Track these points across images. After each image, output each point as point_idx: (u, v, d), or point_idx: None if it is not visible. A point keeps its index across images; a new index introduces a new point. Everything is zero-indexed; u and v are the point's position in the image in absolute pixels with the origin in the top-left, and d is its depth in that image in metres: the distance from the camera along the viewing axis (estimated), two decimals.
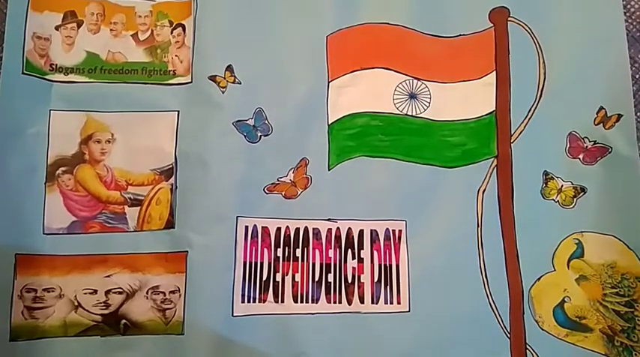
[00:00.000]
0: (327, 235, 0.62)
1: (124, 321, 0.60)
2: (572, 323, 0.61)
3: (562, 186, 0.63)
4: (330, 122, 0.63)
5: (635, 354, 0.59)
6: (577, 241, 0.62)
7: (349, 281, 0.61)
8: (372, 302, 0.61)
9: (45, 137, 0.61)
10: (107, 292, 0.60)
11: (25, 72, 0.61)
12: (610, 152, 0.63)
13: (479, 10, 0.65)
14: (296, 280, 0.61)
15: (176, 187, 0.61)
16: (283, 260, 0.61)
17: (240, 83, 0.63)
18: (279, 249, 0.62)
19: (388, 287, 0.61)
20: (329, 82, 0.64)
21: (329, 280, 0.61)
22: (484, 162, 0.63)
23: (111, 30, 0.64)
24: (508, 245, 0.62)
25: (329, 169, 0.63)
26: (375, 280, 0.61)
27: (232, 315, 0.59)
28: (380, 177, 0.63)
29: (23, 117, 0.60)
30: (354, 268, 0.62)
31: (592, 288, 0.61)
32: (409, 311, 0.61)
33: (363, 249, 0.62)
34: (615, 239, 0.61)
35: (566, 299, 0.61)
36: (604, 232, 0.62)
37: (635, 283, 0.60)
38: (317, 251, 0.62)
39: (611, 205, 0.62)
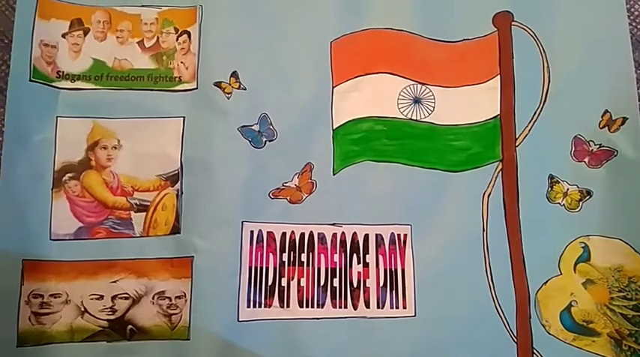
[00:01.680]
0: (332, 240, 0.62)
1: (130, 326, 0.60)
2: (579, 327, 0.61)
3: (568, 189, 0.63)
4: (334, 127, 0.64)
5: None
6: (583, 245, 0.62)
7: (355, 286, 0.61)
8: (378, 307, 0.61)
9: (52, 144, 0.61)
10: (113, 298, 0.60)
11: (32, 79, 0.61)
12: (615, 155, 0.62)
13: (482, 15, 0.66)
14: (301, 284, 0.61)
15: (182, 193, 0.62)
16: (289, 265, 0.61)
17: (245, 89, 0.63)
18: (284, 254, 0.62)
19: (394, 292, 0.61)
20: (333, 88, 0.64)
21: (334, 285, 0.61)
22: (489, 166, 0.63)
23: (117, 37, 0.64)
24: (514, 249, 0.62)
25: (334, 174, 0.63)
26: (381, 284, 0.61)
27: (238, 320, 0.59)
28: (385, 181, 0.63)
29: (30, 124, 0.61)
30: (359, 273, 0.62)
31: (599, 292, 0.61)
32: (415, 316, 0.60)
33: (368, 253, 0.62)
34: (622, 243, 0.61)
35: (573, 303, 0.61)
36: (610, 236, 0.61)
37: None
38: (322, 256, 0.62)
39: (617, 209, 0.62)
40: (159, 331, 0.60)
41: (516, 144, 0.63)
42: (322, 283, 0.61)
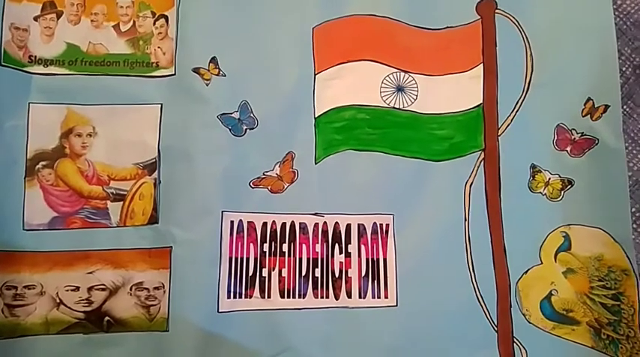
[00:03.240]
0: (313, 230, 0.61)
1: (107, 318, 0.59)
2: (559, 316, 0.61)
3: (549, 179, 0.63)
4: (316, 115, 0.63)
5: (621, 347, 0.59)
6: (564, 234, 0.62)
7: (336, 276, 0.61)
8: (360, 297, 0.61)
9: (24, 131, 0.59)
10: (90, 289, 0.59)
11: (3, 64, 0.59)
12: (597, 144, 0.62)
13: (466, 3, 0.65)
14: (282, 275, 0.60)
15: (159, 182, 0.60)
16: (269, 255, 0.61)
17: (225, 76, 0.62)
18: (265, 244, 0.61)
19: (376, 282, 0.61)
20: (315, 75, 0.63)
21: (316, 275, 0.61)
22: (471, 155, 0.63)
23: (92, 21, 0.62)
24: (495, 239, 0.62)
25: (316, 163, 0.62)
26: (363, 274, 0.61)
27: (218, 311, 0.59)
28: (367, 171, 0.62)
29: (1, 110, 0.59)
30: (341, 263, 0.61)
31: (579, 281, 0.61)
32: (397, 305, 0.60)
33: (350, 243, 0.62)
34: (602, 232, 0.61)
35: (553, 292, 0.61)
36: (591, 225, 0.62)
37: (621, 276, 0.60)
38: (304, 246, 0.61)
39: (598, 198, 0.62)
40: (137, 322, 0.59)
41: (499, 133, 0.63)
42: (304, 274, 0.61)
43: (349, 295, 0.61)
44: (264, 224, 0.61)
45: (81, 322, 0.58)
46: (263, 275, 0.60)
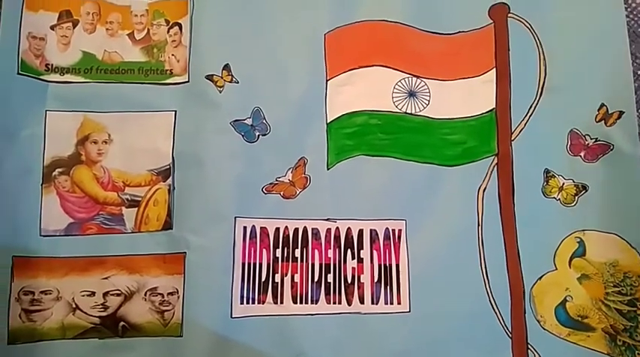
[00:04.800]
0: (326, 235, 0.62)
1: (122, 323, 0.59)
2: (574, 322, 0.60)
3: (563, 184, 0.62)
4: (328, 121, 0.63)
5: (638, 353, 0.58)
6: (579, 240, 0.61)
7: (349, 281, 0.61)
8: (372, 303, 0.60)
9: (41, 138, 0.60)
10: (105, 294, 0.59)
11: (20, 72, 0.60)
12: (611, 149, 0.62)
13: (478, 7, 0.65)
14: (295, 280, 0.61)
15: (174, 188, 0.61)
16: (282, 261, 0.61)
17: (238, 82, 0.62)
18: (277, 249, 0.61)
19: (388, 287, 0.61)
20: (327, 81, 0.63)
21: (328, 281, 0.61)
22: (484, 160, 0.63)
23: (107, 29, 0.63)
24: (509, 244, 0.61)
25: (328, 169, 0.62)
26: (375, 280, 0.61)
27: (231, 316, 0.59)
28: (379, 176, 0.62)
29: (19, 118, 0.60)
30: (353, 269, 0.61)
31: (594, 287, 0.61)
32: (409, 311, 0.60)
33: (362, 249, 0.61)
34: (617, 237, 0.60)
35: (568, 298, 0.61)
36: (606, 231, 0.61)
37: (637, 282, 0.60)
38: (316, 251, 0.61)
39: (613, 203, 0.61)
40: (151, 327, 0.59)
41: (512, 138, 0.63)
42: (316, 279, 0.61)
43: (362, 301, 0.61)
44: (277, 230, 0.61)
45: (96, 327, 0.59)
46: (276, 281, 0.61)
